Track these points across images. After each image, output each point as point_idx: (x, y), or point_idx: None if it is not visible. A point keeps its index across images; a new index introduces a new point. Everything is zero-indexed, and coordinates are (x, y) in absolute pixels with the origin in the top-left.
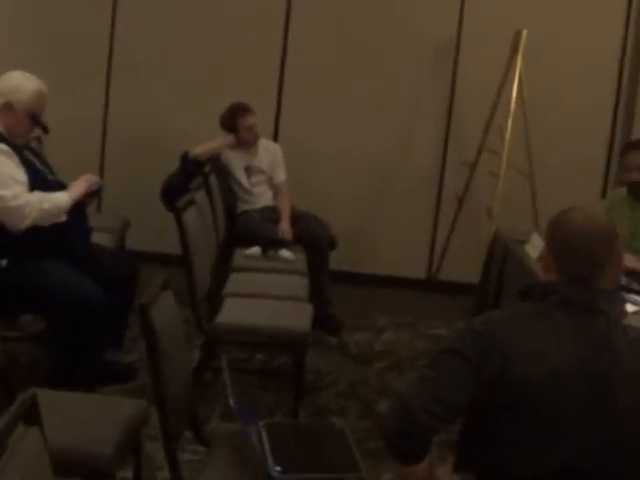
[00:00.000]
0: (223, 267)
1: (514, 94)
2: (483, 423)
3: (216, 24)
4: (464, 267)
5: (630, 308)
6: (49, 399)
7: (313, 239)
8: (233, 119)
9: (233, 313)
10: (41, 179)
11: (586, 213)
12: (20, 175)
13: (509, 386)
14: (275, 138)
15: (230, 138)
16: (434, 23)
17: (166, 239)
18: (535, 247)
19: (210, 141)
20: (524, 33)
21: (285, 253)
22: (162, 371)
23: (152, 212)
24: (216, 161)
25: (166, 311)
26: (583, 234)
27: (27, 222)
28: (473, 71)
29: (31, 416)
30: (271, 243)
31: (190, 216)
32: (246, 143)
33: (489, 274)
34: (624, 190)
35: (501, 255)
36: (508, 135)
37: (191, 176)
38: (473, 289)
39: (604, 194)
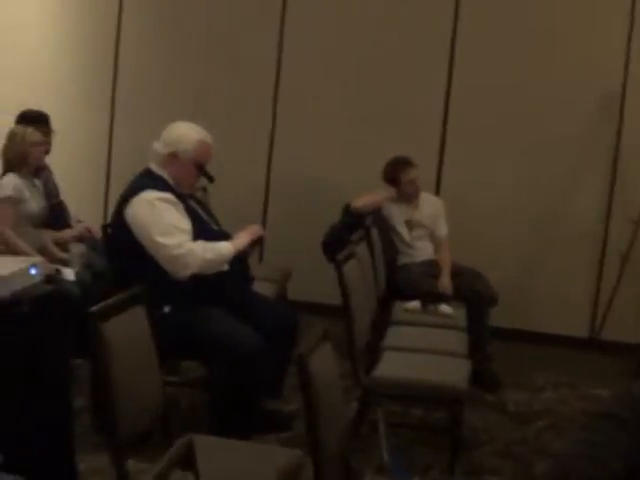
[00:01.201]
0: (383, 320)
1: None
2: None
3: (377, 76)
4: (628, 327)
5: None
6: (207, 445)
7: (473, 295)
8: (395, 172)
9: (391, 367)
10: (205, 229)
11: None
12: (184, 223)
13: None
14: (437, 192)
15: (392, 192)
16: (599, 73)
17: (327, 290)
18: None
19: (372, 194)
20: None
21: (445, 308)
22: (318, 422)
23: (313, 263)
24: (377, 214)
25: (325, 362)
26: None
27: (189, 271)
28: (639, 124)
29: (187, 461)
30: (431, 297)
31: (351, 268)
32: (408, 196)
33: None
34: None
35: None
36: None
37: (353, 228)
38: (636, 349)
39: None
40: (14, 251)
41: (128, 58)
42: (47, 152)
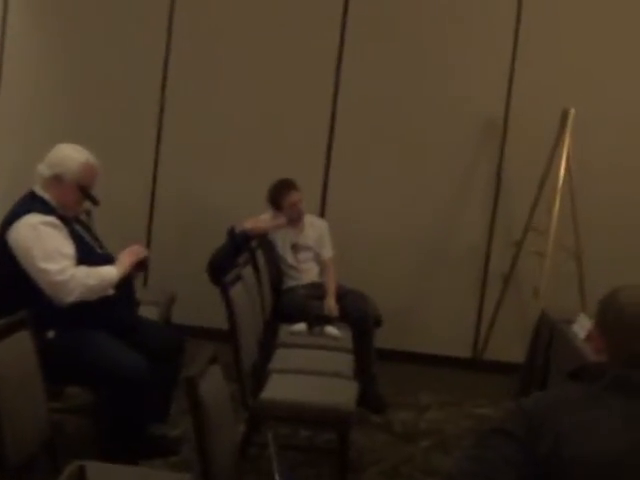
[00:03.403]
0: (269, 343)
1: (562, 172)
2: None
3: (264, 100)
4: (510, 346)
5: None
6: (96, 471)
7: (359, 316)
8: (278, 196)
9: (278, 389)
10: (89, 252)
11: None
12: (68, 248)
13: (560, 470)
14: (322, 214)
15: (281, 219)
16: (482, 101)
17: (212, 314)
18: (582, 327)
19: (260, 217)
20: (572, 111)
21: (331, 330)
22: (208, 445)
23: (198, 287)
24: (263, 237)
25: (213, 385)
26: (638, 311)
27: (72, 297)
28: (521, 149)
29: None
30: (317, 320)
31: (237, 291)
32: (291, 220)
33: (535, 354)
34: None
35: (548, 335)
36: (555, 213)
37: (238, 251)
38: (519, 369)
39: None
40: None
41: (12, 74)
42: None
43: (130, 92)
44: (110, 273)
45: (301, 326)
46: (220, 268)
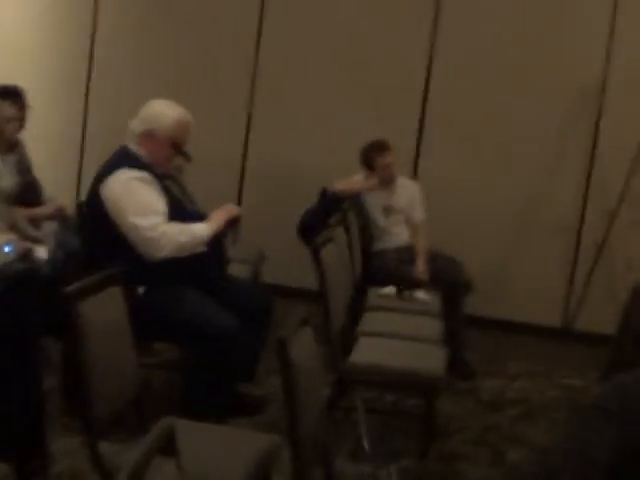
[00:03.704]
0: (358, 306)
1: None
2: None
3: (356, 60)
4: (601, 318)
5: None
6: (184, 429)
7: (449, 281)
8: (370, 157)
9: (366, 353)
10: (181, 209)
11: None
12: (160, 205)
13: None
14: (415, 177)
15: (374, 181)
16: (578, 65)
17: (302, 274)
18: None
19: (354, 180)
20: None
21: (420, 294)
22: (297, 407)
23: (288, 247)
24: (354, 199)
25: (304, 347)
26: None
27: (163, 254)
28: (617, 117)
29: (168, 448)
30: (406, 284)
31: (328, 253)
32: (383, 182)
33: (628, 326)
34: None
35: None
36: None
37: (330, 212)
38: (609, 340)
39: None
40: None
41: (105, 33)
42: (22, 127)
43: (224, 53)
44: (202, 230)
45: (390, 289)
46: (311, 229)
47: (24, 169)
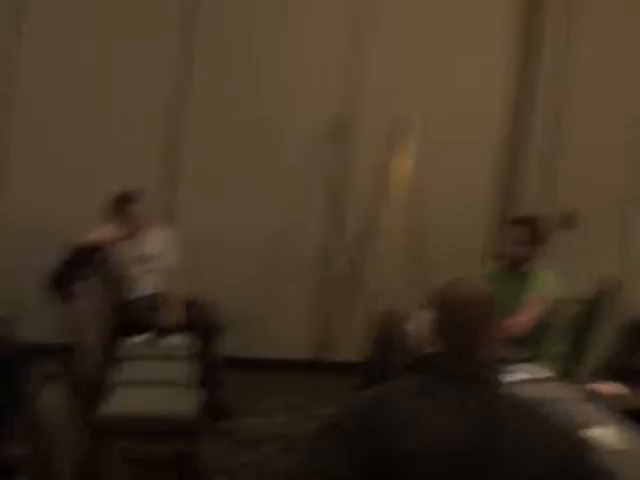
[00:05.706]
0: (112, 356)
1: (398, 173)
2: None
3: (105, 108)
4: (351, 346)
5: (519, 376)
6: None
7: (202, 325)
8: (120, 207)
9: (115, 403)
10: None
11: (463, 284)
12: None
13: (396, 459)
14: (169, 221)
15: (123, 232)
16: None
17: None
18: (419, 323)
19: (102, 230)
20: (409, 115)
21: (174, 339)
22: (50, 464)
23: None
24: (107, 249)
25: (54, 401)
26: (459, 303)
27: None
28: (362, 152)
29: None
30: (160, 330)
31: (80, 305)
32: (133, 231)
33: (376, 352)
34: (499, 263)
35: (387, 333)
36: (395, 215)
37: (81, 265)
38: (360, 367)
39: None
40: None
41: None
42: None
43: None
44: None
45: (145, 337)
46: (63, 282)
47: None
